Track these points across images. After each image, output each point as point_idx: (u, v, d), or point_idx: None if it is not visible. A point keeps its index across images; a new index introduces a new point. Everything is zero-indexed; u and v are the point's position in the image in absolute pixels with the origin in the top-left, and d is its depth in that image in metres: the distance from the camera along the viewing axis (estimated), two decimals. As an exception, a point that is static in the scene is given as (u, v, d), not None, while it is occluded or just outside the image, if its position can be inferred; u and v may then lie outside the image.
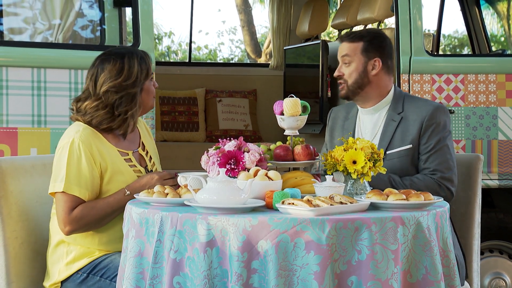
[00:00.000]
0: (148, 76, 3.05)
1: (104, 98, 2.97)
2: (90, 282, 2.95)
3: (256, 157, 2.78)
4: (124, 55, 3.02)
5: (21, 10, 3.96)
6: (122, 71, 2.99)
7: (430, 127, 3.17)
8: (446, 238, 2.60)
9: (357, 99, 3.27)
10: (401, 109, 3.23)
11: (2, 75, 3.59)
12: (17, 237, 3.08)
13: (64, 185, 2.90)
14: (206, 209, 2.48)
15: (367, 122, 3.29)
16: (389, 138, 3.20)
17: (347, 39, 3.24)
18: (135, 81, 3.00)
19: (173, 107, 5.97)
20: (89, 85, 3.01)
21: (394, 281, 2.39)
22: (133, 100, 3.00)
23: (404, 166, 3.16)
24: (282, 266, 2.34)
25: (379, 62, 3.22)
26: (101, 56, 3.04)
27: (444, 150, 3.16)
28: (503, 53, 4.97)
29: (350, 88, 3.22)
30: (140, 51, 3.07)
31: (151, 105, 3.10)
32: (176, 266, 2.44)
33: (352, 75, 3.21)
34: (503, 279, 4.25)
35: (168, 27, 23.40)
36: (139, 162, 3.10)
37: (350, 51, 3.22)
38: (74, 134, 2.95)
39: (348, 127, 3.34)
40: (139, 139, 3.17)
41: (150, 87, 3.07)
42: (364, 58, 3.21)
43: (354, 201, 2.55)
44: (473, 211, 3.38)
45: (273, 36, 6.21)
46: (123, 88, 2.98)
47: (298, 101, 2.93)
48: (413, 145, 3.15)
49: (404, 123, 3.20)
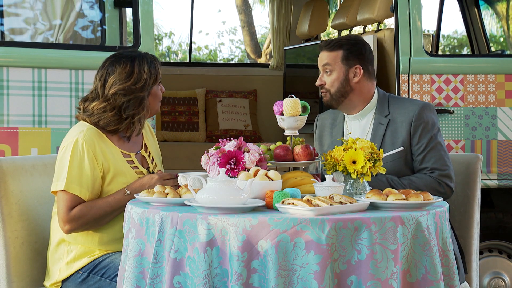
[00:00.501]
0: (157, 81, 3.06)
1: (112, 100, 2.98)
2: (90, 281, 2.95)
3: (256, 157, 2.78)
4: (134, 58, 3.02)
5: (22, 10, 3.97)
6: (132, 74, 3.00)
7: (419, 127, 3.18)
8: (446, 238, 2.61)
9: (342, 107, 3.27)
10: (387, 112, 3.24)
11: (3, 75, 3.60)
12: (18, 236, 3.08)
13: (65, 184, 2.90)
14: (206, 209, 2.48)
15: (355, 128, 3.29)
16: (380, 142, 3.21)
17: (326, 48, 3.24)
18: (143, 85, 3.01)
19: (173, 107, 5.98)
20: (98, 85, 3.02)
21: (393, 280, 2.39)
22: (141, 104, 3.01)
23: (398, 168, 3.17)
24: (282, 265, 2.35)
25: (360, 69, 3.22)
26: (112, 58, 3.05)
27: (438, 148, 3.18)
28: (502, 53, 4.97)
29: (334, 96, 3.22)
30: (150, 56, 3.08)
31: (157, 109, 3.11)
32: (177, 265, 2.44)
33: (334, 84, 3.22)
34: (502, 279, 4.25)
35: (169, 27, 23.41)
36: (141, 164, 3.10)
37: (330, 60, 3.22)
38: (78, 134, 2.95)
39: (337, 133, 3.34)
40: (142, 140, 3.17)
41: (158, 92, 3.08)
42: (344, 67, 3.21)
43: (354, 201, 2.55)
44: (472, 211, 3.38)
45: (273, 36, 6.21)
46: (131, 92, 2.99)
47: (298, 101, 2.94)
48: (405, 147, 3.16)
49: (392, 125, 3.21)
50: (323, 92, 3.25)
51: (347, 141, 2.79)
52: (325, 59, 3.23)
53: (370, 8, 4.80)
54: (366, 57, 3.25)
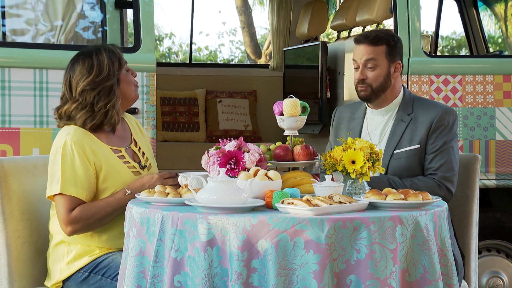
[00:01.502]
0: (121, 66, 3.04)
1: (81, 98, 2.98)
2: (91, 280, 2.96)
3: (256, 157, 2.79)
4: (91, 52, 3.02)
5: (24, 11, 3.97)
6: (92, 67, 2.99)
7: (438, 128, 3.19)
8: (444, 237, 2.61)
9: (376, 101, 3.26)
10: (411, 110, 3.25)
11: (4, 76, 3.61)
12: (19, 236, 3.09)
13: (61, 186, 2.90)
14: (207, 209, 2.49)
15: (377, 123, 3.30)
16: (398, 138, 3.21)
17: (368, 42, 3.20)
18: (108, 74, 2.99)
19: (173, 107, 5.98)
20: (65, 90, 3.02)
21: (392, 280, 2.39)
22: (111, 92, 2.99)
23: (412, 166, 3.18)
24: (281, 265, 2.35)
25: (400, 65, 3.24)
26: (71, 60, 3.05)
27: (449, 152, 3.18)
28: (501, 54, 4.98)
29: (375, 91, 3.21)
30: (107, 45, 3.06)
31: (135, 95, 3.09)
32: (177, 265, 2.45)
33: (378, 79, 3.20)
34: (500, 278, 4.25)
35: (169, 28, 23.41)
36: (132, 158, 3.09)
37: (375, 55, 3.19)
38: (65, 136, 2.95)
39: (355, 127, 3.34)
40: (131, 135, 3.16)
41: (128, 77, 3.06)
42: (388, 62, 3.21)
43: (353, 201, 2.55)
44: (471, 210, 3.39)
45: (272, 37, 6.22)
46: (97, 84, 2.98)
47: (297, 102, 2.94)
48: (421, 145, 3.17)
49: (414, 124, 3.22)
50: (362, 87, 3.22)
51: (347, 141, 2.80)
52: (369, 53, 3.20)
53: (369, 9, 4.80)
54: (402, 53, 3.27)
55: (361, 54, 3.22)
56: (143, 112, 3.73)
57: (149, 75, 3.72)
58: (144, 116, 3.75)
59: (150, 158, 3.18)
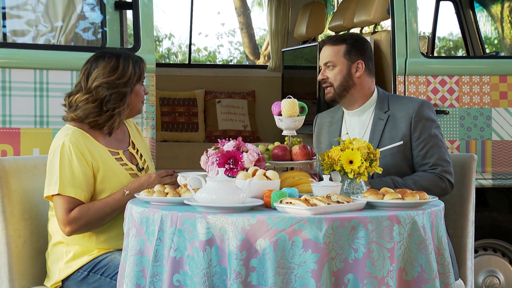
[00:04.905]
0: (141, 80, 3.08)
1: (94, 92, 2.99)
2: (90, 280, 2.96)
3: (254, 157, 2.79)
4: (120, 55, 3.05)
5: (24, 12, 3.98)
6: (116, 69, 3.01)
7: (419, 123, 3.22)
8: (441, 236, 2.62)
9: (343, 102, 3.30)
10: (387, 108, 3.28)
11: (5, 76, 3.61)
12: (20, 235, 3.09)
13: (59, 187, 2.91)
14: (206, 208, 2.49)
15: (355, 123, 3.32)
16: (379, 137, 3.24)
17: (329, 42, 3.27)
18: (127, 81, 3.02)
19: (173, 108, 5.99)
20: (82, 79, 3.03)
21: (390, 278, 2.40)
22: (123, 99, 3.02)
23: (397, 162, 3.20)
24: (280, 264, 2.35)
25: (362, 65, 3.26)
26: (97, 53, 3.07)
27: (439, 144, 3.22)
28: (497, 55, 5.00)
29: (337, 91, 3.25)
30: (136, 56, 3.10)
31: (139, 109, 3.12)
32: (176, 264, 2.45)
33: (337, 78, 3.25)
34: (496, 277, 4.26)
35: (168, 29, 23.39)
36: (130, 161, 3.10)
37: (333, 55, 3.25)
38: (63, 137, 2.96)
39: (334, 130, 3.37)
40: (129, 138, 3.18)
41: (140, 91, 3.09)
42: (347, 61, 3.25)
43: (351, 200, 2.56)
44: (467, 210, 3.40)
45: (271, 38, 6.23)
46: (115, 86, 3.00)
47: (296, 102, 2.95)
48: (404, 141, 3.20)
49: (392, 121, 3.25)
50: (326, 86, 3.27)
51: (344, 141, 2.81)
52: (327, 55, 3.26)
53: (367, 10, 4.82)
54: (367, 53, 3.29)
55: (322, 55, 3.29)
56: (143, 112, 3.75)
57: (148, 76, 3.74)
58: (144, 116, 3.76)
59: (148, 161, 3.19)
